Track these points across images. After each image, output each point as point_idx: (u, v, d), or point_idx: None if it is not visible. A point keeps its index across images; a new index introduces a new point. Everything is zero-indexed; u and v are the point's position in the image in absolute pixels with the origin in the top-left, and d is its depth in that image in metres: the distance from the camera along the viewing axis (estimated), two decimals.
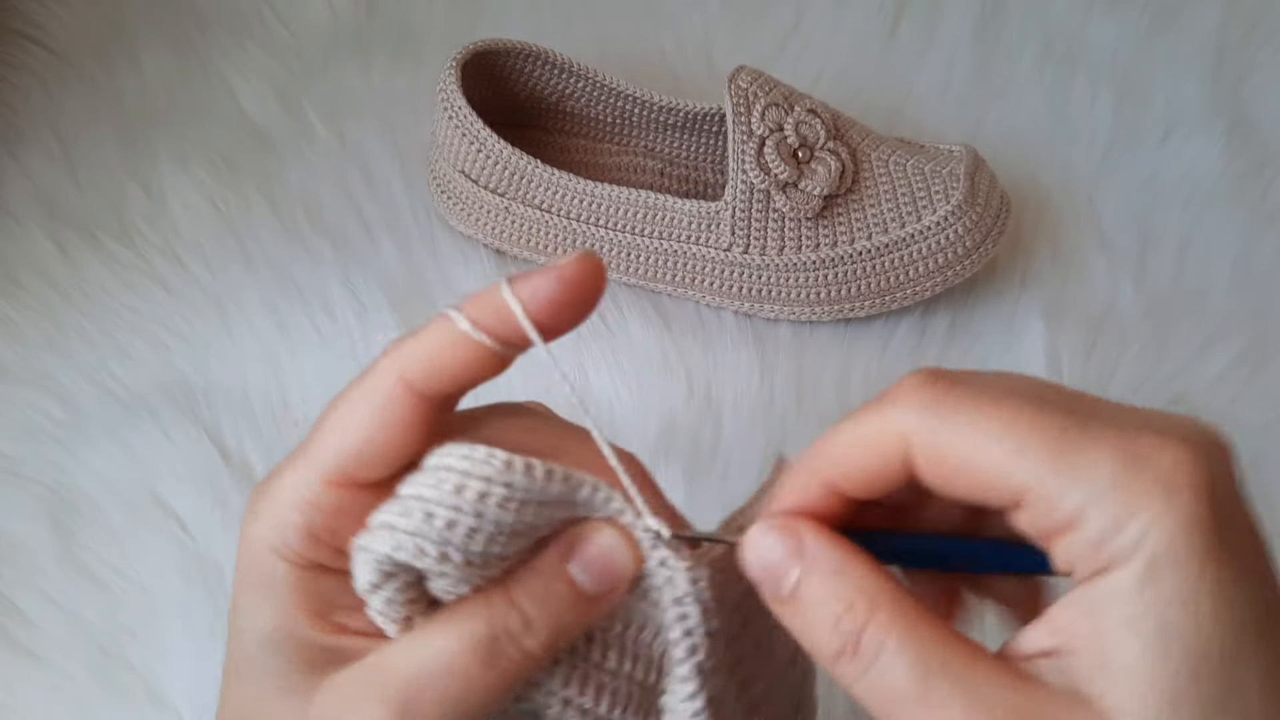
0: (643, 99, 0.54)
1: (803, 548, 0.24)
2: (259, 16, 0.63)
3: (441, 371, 0.25)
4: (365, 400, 0.26)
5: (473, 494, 0.24)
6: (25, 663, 0.43)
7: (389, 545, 0.24)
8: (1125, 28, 0.63)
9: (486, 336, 0.25)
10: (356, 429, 0.25)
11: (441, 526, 0.24)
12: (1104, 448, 0.22)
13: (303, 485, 0.26)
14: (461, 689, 0.24)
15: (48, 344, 0.51)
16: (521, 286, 0.26)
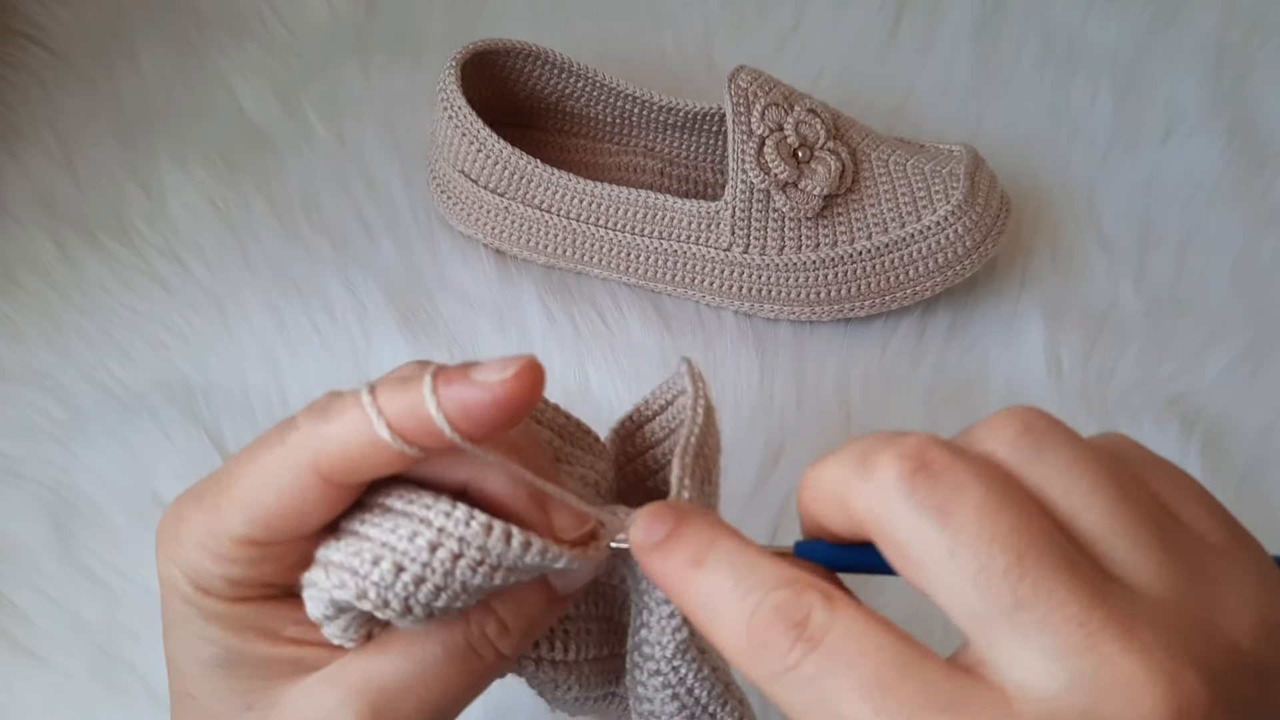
0: (643, 99, 0.54)
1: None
2: (258, 16, 0.62)
3: (355, 469, 0.23)
4: (275, 477, 0.24)
5: (445, 554, 0.23)
6: (25, 663, 0.43)
7: (350, 593, 0.23)
8: (1125, 27, 0.63)
9: (404, 444, 0.23)
10: (264, 504, 0.24)
11: (408, 581, 0.23)
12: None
13: (213, 538, 0.25)
14: (439, 695, 0.25)
15: (47, 343, 0.51)
16: (448, 394, 0.22)
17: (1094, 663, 0.19)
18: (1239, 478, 0.48)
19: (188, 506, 0.25)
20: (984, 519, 0.20)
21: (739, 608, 0.21)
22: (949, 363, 0.52)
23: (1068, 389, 0.51)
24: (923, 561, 0.20)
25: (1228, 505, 0.50)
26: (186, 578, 0.25)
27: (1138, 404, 0.50)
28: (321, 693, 0.25)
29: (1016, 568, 0.19)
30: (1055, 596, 0.19)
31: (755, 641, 0.21)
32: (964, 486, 0.20)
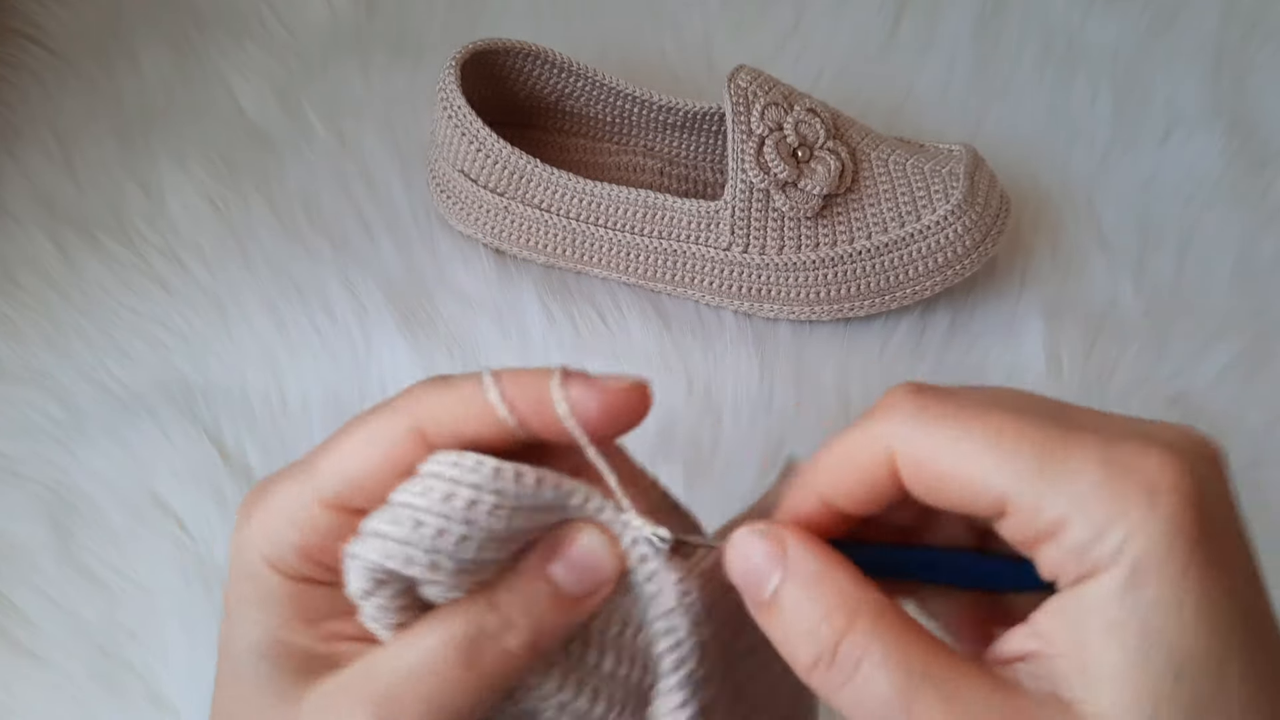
0: (642, 98, 0.54)
1: (785, 553, 0.24)
2: (258, 16, 0.62)
3: (457, 435, 0.25)
4: (375, 437, 0.25)
5: (462, 502, 0.24)
6: (25, 663, 0.43)
7: (379, 553, 0.24)
8: (1125, 27, 0.63)
9: (515, 420, 0.25)
10: (362, 462, 0.25)
11: (431, 535, 0.23)
12: (1087, 455, 0.22)
13: (300, 504, 0.25)
14: (442, 690, 0.25)
15: (47, 343, 0.51)
16: (573, 390, 0.25)
17: (1121, 469, 0.22)
18: (1239, 478, 0.48)
19: (277, 479, 0.26)
20: (980, 404, 0.23)
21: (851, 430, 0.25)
22: (949, 362, 0.52)
23: (1068, 388, 0.51)
24: (947, 464, 0.23)
25: None
26: (259, 549, 0.26)
27: (1138, 404, 0.50)
28: (338, 693, 0.25)
29: (1022, 428, 0.23)
30: (1069, 437, 0.22)
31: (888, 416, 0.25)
32: (954, 391, 0.24)
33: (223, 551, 0.46)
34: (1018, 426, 0.22)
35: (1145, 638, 0.21)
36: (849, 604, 0.23)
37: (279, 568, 0.26)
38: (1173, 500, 0.21)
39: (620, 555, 0.26)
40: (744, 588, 0.25)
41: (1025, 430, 0.22)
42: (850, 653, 0.23)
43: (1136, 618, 0.21)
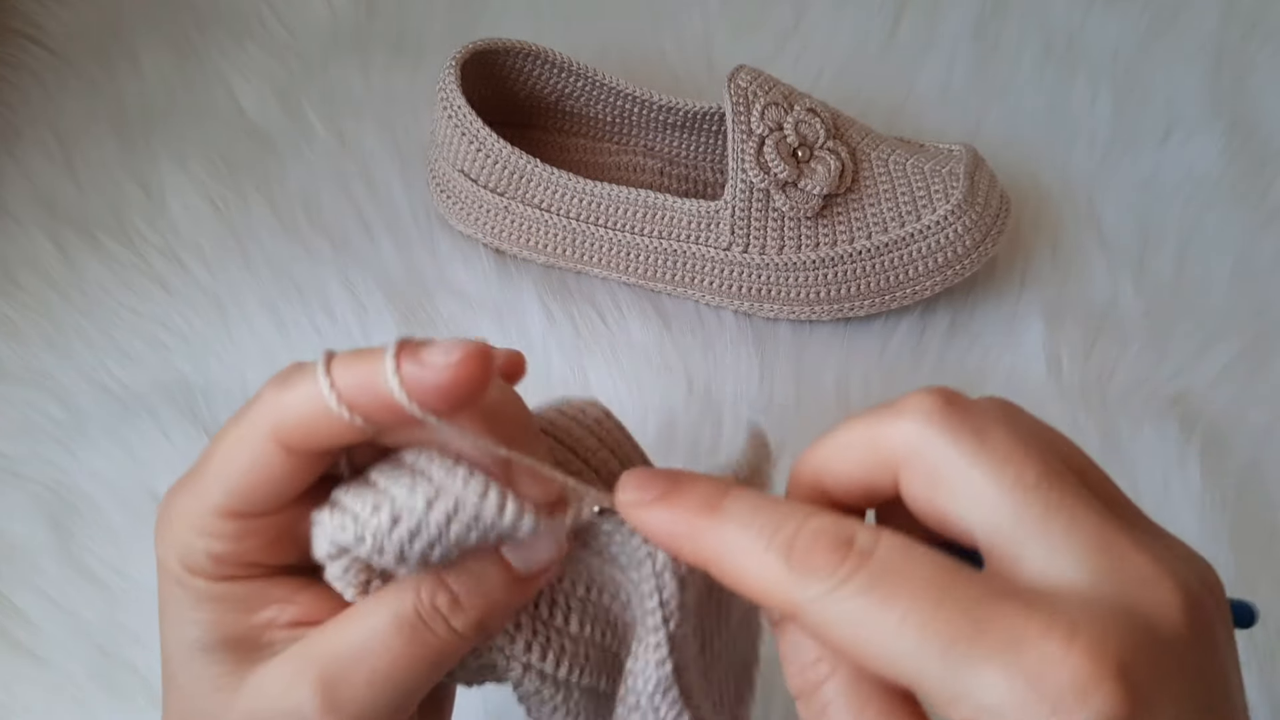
0: (642, 98, 0.54)
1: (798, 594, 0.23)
2: (258, 16, 0.63)
3: (312, 438, 0.24)
4: (241, 448, 0.25)
5: (441, 512, 0.24)
6: (25, 663, 0.43)
7: (349, 536, 0.24)
8: (1125, 28, 0.63)
9: (356, 415, 0.23)
10: (237, 474, 0.25)
11: (403, 533, 0.24)
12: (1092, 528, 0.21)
13: (199, 514, 0.25)
14: (387, 667, 0.25)
15: (47, 344, 0.51)
16: (405, 371, 0.23)
17: (1114, 559, 0.21)
18: (1239, 478, 0.48)
19: (176, 490, 0.26)
20: (1015, 439, 0.22)
21: (773, 540, 0.22)
22: (949, 362, 0.52)
23: (1068, 388, 0.51)
24: (955, 481, 0.22)
25: (1228, 505, 0.51)
26: (177, 558, 0.26)
27: (1138, 404, 0.50)
28: (279, 668, 0.25)
29: (1046, 479, 0.22)
30: (1077, 506, 0.22)
31: (800, 566, 0.22)
32: (991, 413, 0.23)
33: None
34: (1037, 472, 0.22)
35: None
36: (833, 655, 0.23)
37: (201, 572, 0.26)
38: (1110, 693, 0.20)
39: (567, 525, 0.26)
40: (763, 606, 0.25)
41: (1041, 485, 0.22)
42: (823, 698, 0.23)
43: None
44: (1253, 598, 0.45)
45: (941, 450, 0.23)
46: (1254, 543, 0.47)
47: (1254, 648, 0.44)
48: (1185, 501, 0.47)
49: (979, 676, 0.20)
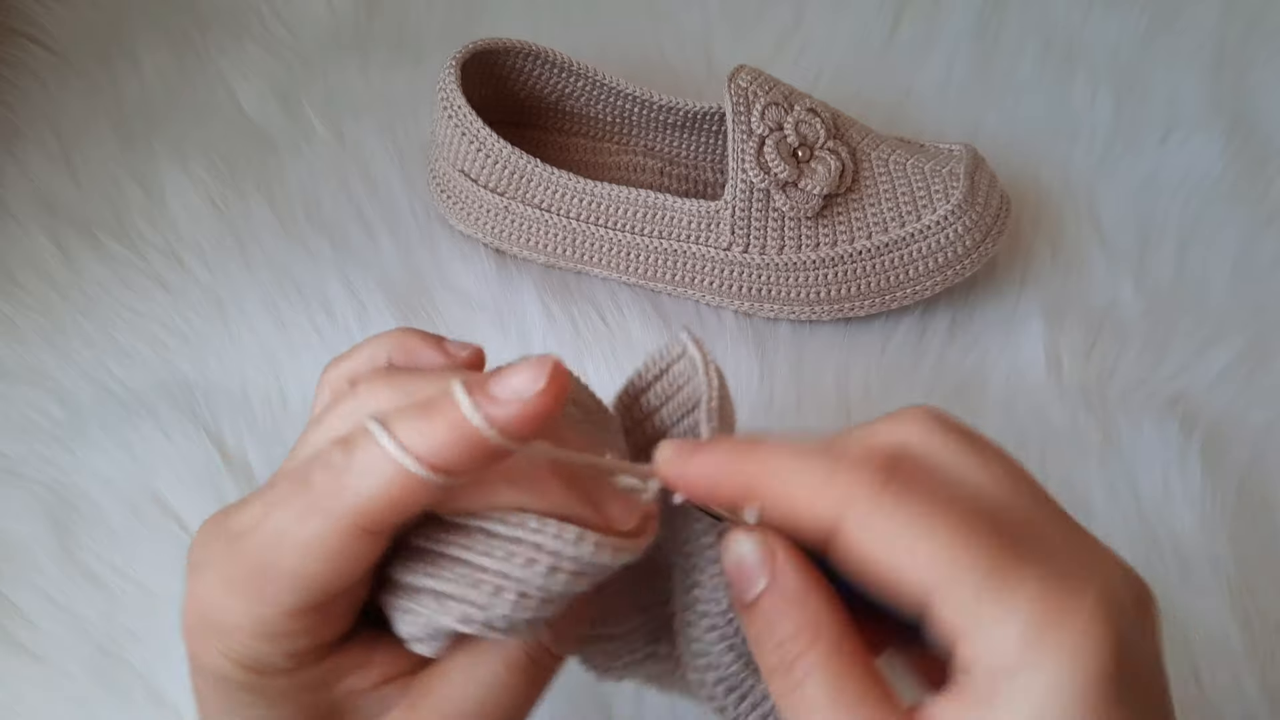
0: (642, 98, 0.54)
1: (774, 563, 0.25)
2: (258, 15, 0.63)
3: (399, 515, 0.23)
4: (320, 547, 0.23)
5: (543, 567, 0.23)
6: (25, 663, 0.43)
7: (453, 617, 0.23)
8: (1125, 27, 0.63)
9: (445, 477, 0.22)
10: (314, 574, 0.23)
11: (510, 600, 0.23)
12: (1023, 589, 0.22)
13: (264, 622, 0.24)
14: (507, 708, 0.26)
15: (47, 343, 0.51)
16: (490, 409, 0.22)
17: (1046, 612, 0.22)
18: (1239, 478, 0.48)
19: (216, 596, 0.24)
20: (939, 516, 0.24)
21: (818, 457, 0.24)
22: (949, 362, 0.52)
23: (1068, 388, 0.51)
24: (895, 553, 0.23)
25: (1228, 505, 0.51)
26: (241, 666, 0.24)
27: (1138, 403, 0.50)
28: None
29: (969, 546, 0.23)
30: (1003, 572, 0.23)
31: (845, 478, 0.23)
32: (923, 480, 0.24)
33: None
34: (966, 547, 0.22)
35: None
36: (813, 628, 0.24)
37: (276, 673, 0.25)
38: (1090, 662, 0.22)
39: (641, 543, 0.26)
40: (732, 582, 0.26)
41: (972, 552, 0.22)
42: (800, 672, 0.24)
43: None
44: (1253, 598, 0.45)
45: (877, 522, 0.23)
46: (1254, 543, 0.47)
47: (1254, 648, 0.44)
48: (1185, 501, 0.47)
49: (1006, 601, 0.22)
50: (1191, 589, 0.45)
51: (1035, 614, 0.22)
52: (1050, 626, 0.22)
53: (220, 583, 0.24)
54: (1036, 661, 0.21)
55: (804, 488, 0.24)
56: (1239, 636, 0.44)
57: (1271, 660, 0.44)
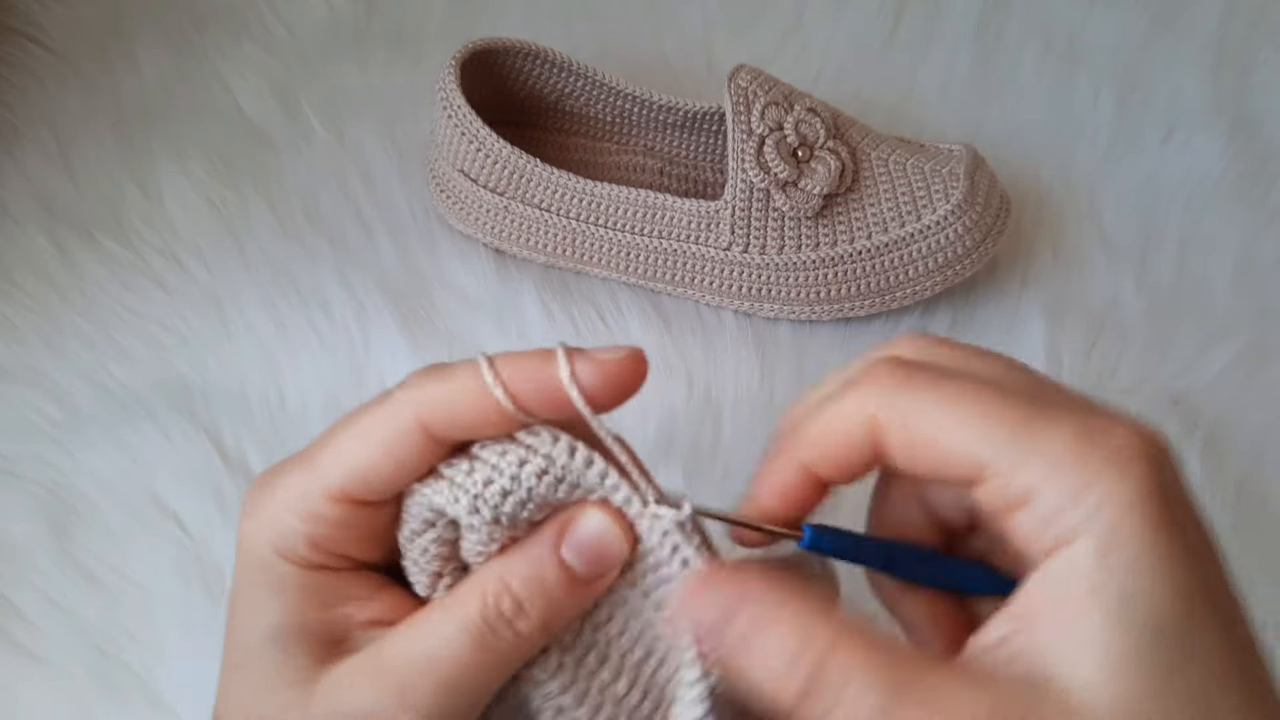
0: (642, 98, 0.54)
1: (743, 596, 0.24)
2: (257, 15, 0.62)
3: (459, 424, 0.25)
4: (378, 430, 0.25)
5: (532, 469, 0.25)
6: (24, 663, 0.43)
7: (444, 498, 0.25)
8: (1126, 27, 0.63)
9: (513, 404, 0.25)
10: (365, 456, 0.25)
11: (497, 491, 0.25)
12: (1060, 427, 0.23)
13: (305, 495, 0.26)
14: (457, 672, 0.25)
15: (45, 344, 0.51)
16: (575, 368, 0.25)
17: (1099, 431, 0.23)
18: (1239, 478, 0.48)
19: (279, 472, 0.27)
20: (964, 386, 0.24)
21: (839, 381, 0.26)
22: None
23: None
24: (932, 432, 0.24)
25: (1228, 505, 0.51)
26: (269, 540, 0.26)
27: (1138, 403, 0.50)
28: (355, 672, 0.26)
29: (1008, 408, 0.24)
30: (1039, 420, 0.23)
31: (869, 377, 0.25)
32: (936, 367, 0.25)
33: (223, 552, 0.46)
34: (995, 401, 0.23)
35: (1124, 601, 0.21)
36: (821, 633, 0.23)
37: (289, 558, 0.26)
38: (1142, 469, 0.22)
39: (631, 536, 0.26)
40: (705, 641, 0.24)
41: (1001, 405, 0.23)
42: (832, 679, 0.22)
43: (1114, 581, 0.21)
44: (1253, 598, 0.45)
45: (908, 406, 0.24)
46: (1254, 543, 0.47)
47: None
48: None
49: (1047, 432, 0.22)
50: None
51: (1077, 447, 0.22)
52: (1094, 454, 0.22)
53: (286, 462, 0.27)
54: (1088, 481, 0.22)
55: (835, 414, 0.25)
56: None
57: (1272, 660, 0.44)
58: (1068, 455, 0.22)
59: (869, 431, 0.24)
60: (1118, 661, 0.21)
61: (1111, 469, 0.22)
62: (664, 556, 0.26)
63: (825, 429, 0.25)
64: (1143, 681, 0.21)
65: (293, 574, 0.26)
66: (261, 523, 0.26)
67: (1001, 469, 0.23)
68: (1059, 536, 0.22)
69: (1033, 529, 0.23)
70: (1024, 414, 0.23)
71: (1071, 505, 0.22)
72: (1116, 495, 0.22)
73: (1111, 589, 0.21)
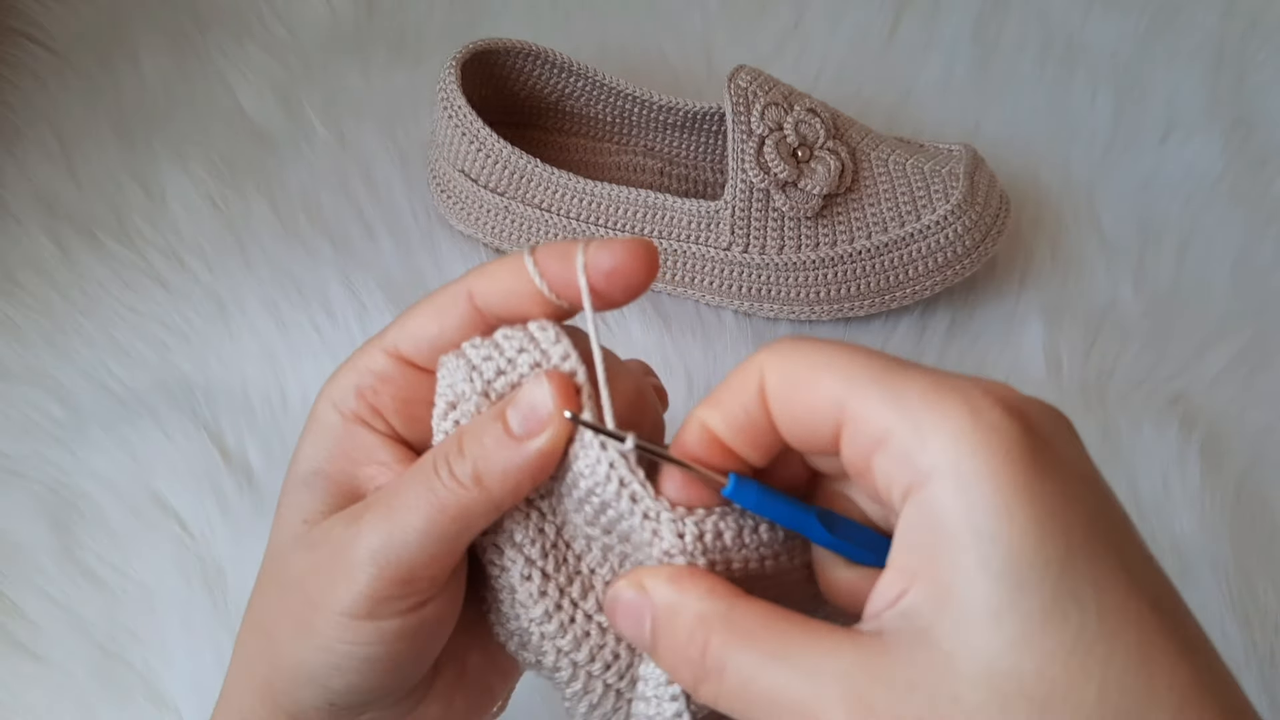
0: (642, 98, 0.54)
1: (646, 594, 0.25)
2: (258, 15, 0.63)
3: (502, 303, 0.28)
4: (436, 299, 0.28)
5: (516, 344, 0.27)
6: (25, 663, 0.43)
7: (462, 374, 0.28)
8: (1125, 27, 0.63)
9: (550, 290, 0.27)
10: (422, 322, 0.28)
11: (481, 356, 0.28)
12: (920, 376, 0.22)
13: (365, 353, 0.29)
14: (415, 517, 0.26)
15: (47, 343, 0.51)
16: (590, 250, 0.27)
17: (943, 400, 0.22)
18: (1239, 478, 0.48)
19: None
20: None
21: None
22: (949, 362, 0.52)
23: (1068, 388, 0.51)
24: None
25: (1228, 505, 0.50)
26: (329, 394, 0.29)
27: (1138, 403, 0.50)
28: (335, 521, 0.28)
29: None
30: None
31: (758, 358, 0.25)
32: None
33: (224, 550, 0.46)
34: (864, 355, 0.23)
35: (980, 544, 0.20)
36: (704, 620, 0.24)
37: (339, 408, 0.29)
38: (998, 413, 0.21)
39: (561, 405, 0.27)
40: (633, 640, 0.26)
41: (869, 358, 0.23)
42: (714, 663, 0.23)
43: (970, 524, 0.21)
44: (1252, 597, 0.45)
45: (786, 361, 0.24)
46: (1254, 543, 0.47)
47: (1254, 648, 0.44)
48: (1185, 501, 0.47)
49: (906, 379, 0.22)
50: (1191, 589, 0.45)
51: (933, 391, 0.22)
52: (948, 398, 0.22)
53: None
54: (939, 421, 0.21)
55: (734, 372, 0.25)
56: (1239, 636, 0.44)
57: (1271, 660, 0.44)
58: (923, 397, 0.22)
59: (759, 387, 0.25)
60: (982, 612, 0.20)
61: (963, 411, 0.21)
62: (609, 493, 0.27)
63: (724, 386, 0.26)
64: (1009, 630, 0.20)
65: (335, 424, 0.29)
66: (332, 384, 0.29)
67: (859, 411, 0.23)
68: (913, 480, 0.22)
69: (888, 472, 0.22)
70: (887, 366, 0.23)
71: (920, 446, 0.21)
72: (968, 434, 0.21)
73: (966, 533, 0.21)
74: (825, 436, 0.24)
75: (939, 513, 0.21)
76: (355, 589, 0.26)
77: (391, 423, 0.29)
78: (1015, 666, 0.20)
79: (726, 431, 0.25)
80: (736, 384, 0.25)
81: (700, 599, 0.24)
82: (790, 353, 0.24)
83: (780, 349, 0.25)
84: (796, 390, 0.24)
